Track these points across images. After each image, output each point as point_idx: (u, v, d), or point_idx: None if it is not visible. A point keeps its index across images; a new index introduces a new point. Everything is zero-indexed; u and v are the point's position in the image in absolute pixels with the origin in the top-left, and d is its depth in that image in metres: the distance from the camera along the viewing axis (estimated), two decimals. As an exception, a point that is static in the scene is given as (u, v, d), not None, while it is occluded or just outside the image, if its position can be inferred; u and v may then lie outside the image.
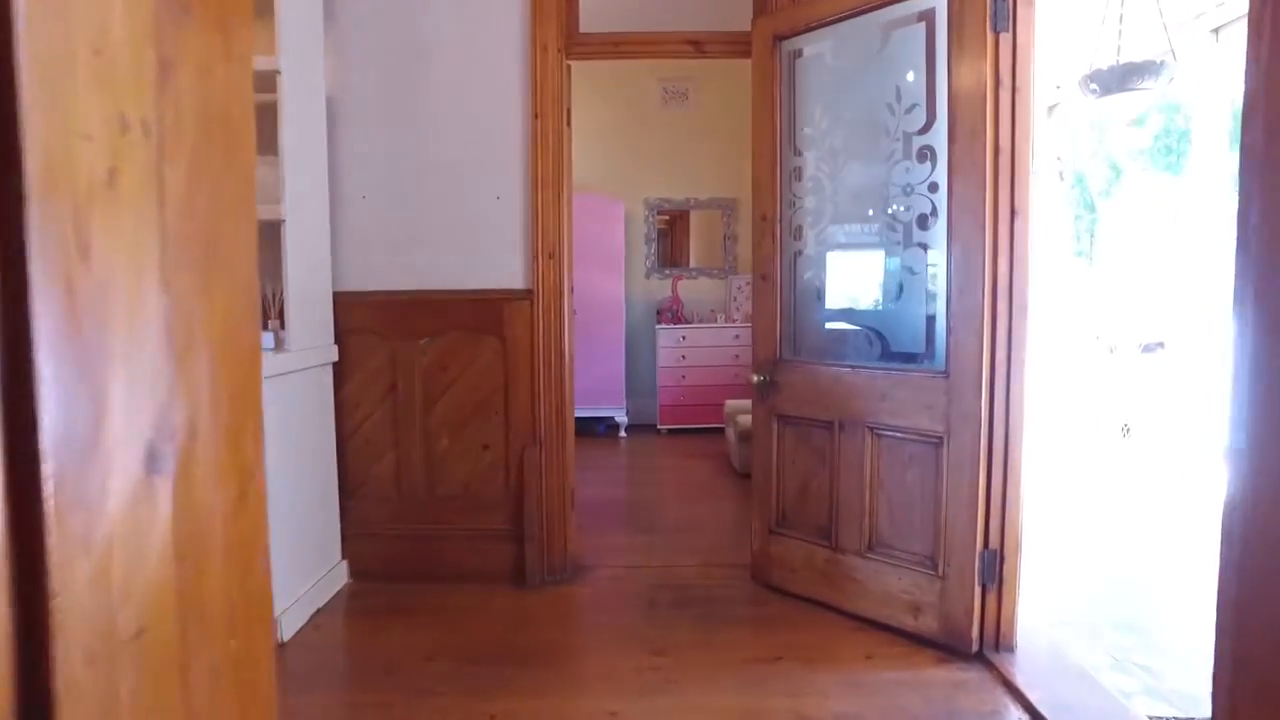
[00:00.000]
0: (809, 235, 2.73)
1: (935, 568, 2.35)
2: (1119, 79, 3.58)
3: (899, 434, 2.42)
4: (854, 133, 2.58)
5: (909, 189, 2.37)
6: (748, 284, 6.24)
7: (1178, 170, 7.59)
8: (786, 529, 2.80)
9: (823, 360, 2.66)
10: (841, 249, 2.68)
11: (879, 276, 2.51)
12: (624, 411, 6.05)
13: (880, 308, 2.54)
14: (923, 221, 2.35)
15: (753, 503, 2.91)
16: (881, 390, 2.45)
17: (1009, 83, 2.16)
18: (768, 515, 2.84)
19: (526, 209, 2.90)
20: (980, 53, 2.16)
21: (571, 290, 3.02)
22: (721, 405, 5.69)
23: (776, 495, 2.82)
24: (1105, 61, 3.70)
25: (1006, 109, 2.16)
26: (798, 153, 2.72)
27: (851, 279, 2.66)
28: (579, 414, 5.51)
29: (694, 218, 6.55)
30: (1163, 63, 3.44)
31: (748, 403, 5.08)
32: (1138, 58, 3.56)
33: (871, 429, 2.49)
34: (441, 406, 2.95)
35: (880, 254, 2.51)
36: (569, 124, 2.99)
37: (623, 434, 6.06)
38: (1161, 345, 5.23)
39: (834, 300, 2.72)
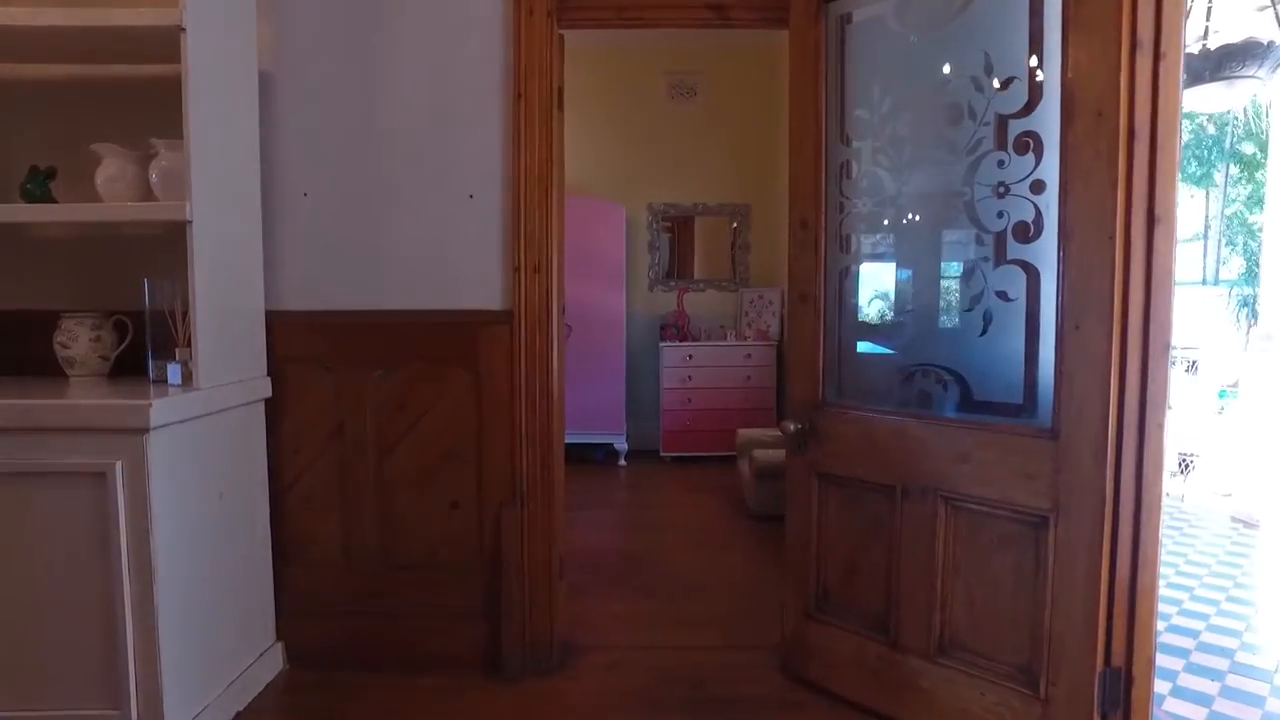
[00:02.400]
0: (861, 247, 2.18)
1: (1034, 686, 1.79)
2: (1213, 66, 3.03)
3: (984, 507, 1.86)
4: (924, 116, 2.03)
5: (1002, 189, 1.82)
6: (760, 298, 5.70)
7: (1208, 183, 7.04)
8: (829, 614, 2.23)
9: (880, 407, 2.11)
10: (905, 265, 2.13)
11: (958, 302, 1.96)
12: (624, 437, 5.48)
13: (959, 342, 1.98)
14: (1022, 231, 1.79)
15: (785, 575, 2.35)
16: (961, 449, 1.89)
17: (1149, 45, 1.61)
18: (805, 593, 2.28)
19: (506, 211, 2.35)
20: (1111, 4, 1.61)
21: (562, 311, 2.46)
22: (731, 432, 5.14)
23: (816, 570, 2.25)
24: (1192, 43, 3.16)
25: (1145, 81, 1.61)
26: (848, 143, 2.17)
27: (919, 304, 2.11)
28: (574, 439, 4.95)
29: (701, 225, 6.00)
30: (1272, 44, 2.89)
31: (764, 433, 4.53)
32: (1236, 38, 3.01)
33: (946, 498, 1.93)
34: (400, 454, 2.39)
35: (959, 273, 1.95)
36: (560, 106, 2.44)
37: (622, 462, 5.50)
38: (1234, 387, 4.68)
39: (894, 331, 2.17)
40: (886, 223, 2.15)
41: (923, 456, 1.97)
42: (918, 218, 2.09)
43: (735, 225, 5.95)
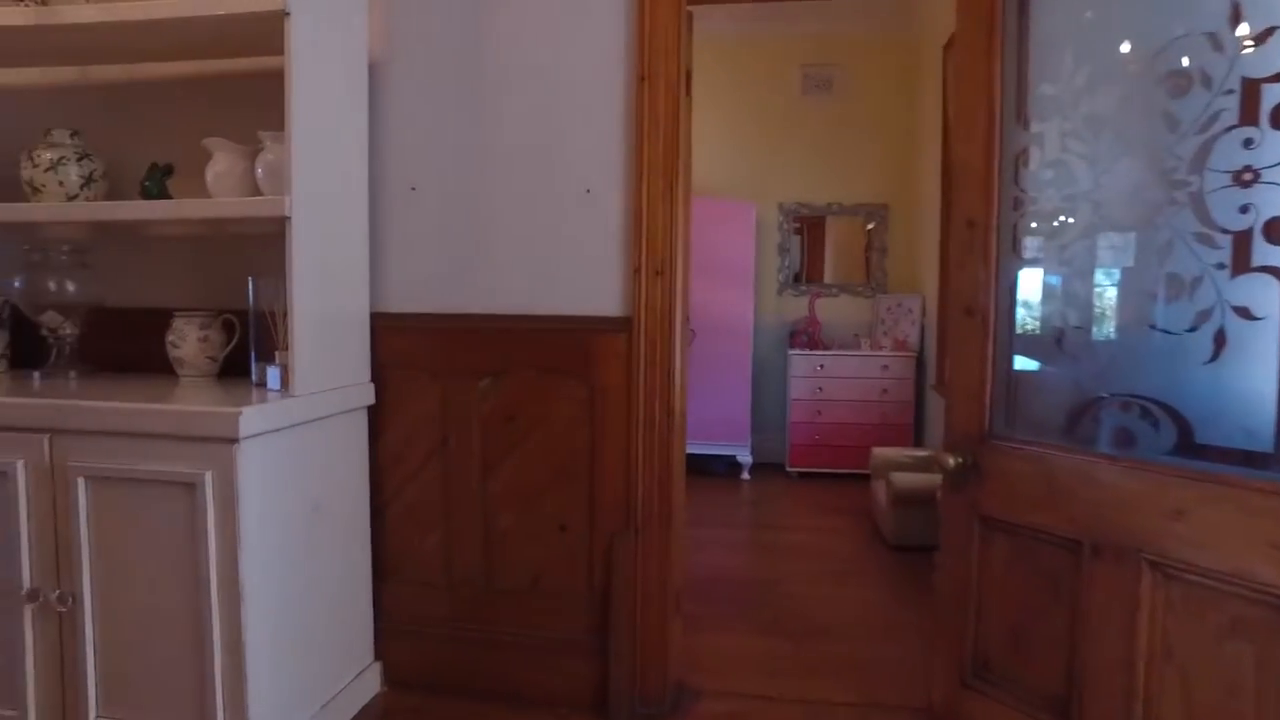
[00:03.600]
0: (1045, 251, 1.82)
1: (1277, 815, 1.39)
2: None
3: (1211, 580, 1.47)
4: (1135, 88, 1.66)
5: (1249, 175, 1.43)
6: (899, 305, 5.27)
7: None
8: (989, 684, 1.88)
9: (1064, 443, 1.74)
10: (1099, 273, 1.76)
11: (1179, 318, 1.58)
12: (748, 449, 5.19)
13: (1175, 370, 1.60)
14: (1277, 230, 1.40)
15: (935, 630, 2.01)
16: (1175, 504, 1.51)
17: None
18: (959, 656, 1.93)
19: (627, 207, 2.12)
20: None
21: (687, 320, 2.22)
22: (864, 449, 4.75)
23: (975, 630, 1.90)
24: None
25: None
26: (1027, 126, 1.81)
27: (1119, 321, 1.73)
28: (695, 450, 4.70)
29: (832, 226, 5.61)
30: None
31: (902, 453, 4.12)
32: None
33: (1154, 563, 1.55)
34: (506, 470, 2.21)
35: (1182, 282, 1.57)
36: (688, 91, 2.20)
37: (745, 475, 5.20)
38: None
39: (1084, 353, 1.79)
40: (1076, 221, 1.78)
41: (1120, 508, 1.59)
42: (1119, 214, 1.71)
43: (871, 227, 5.53)
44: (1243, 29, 1.44)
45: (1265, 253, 1.42)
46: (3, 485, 1.82)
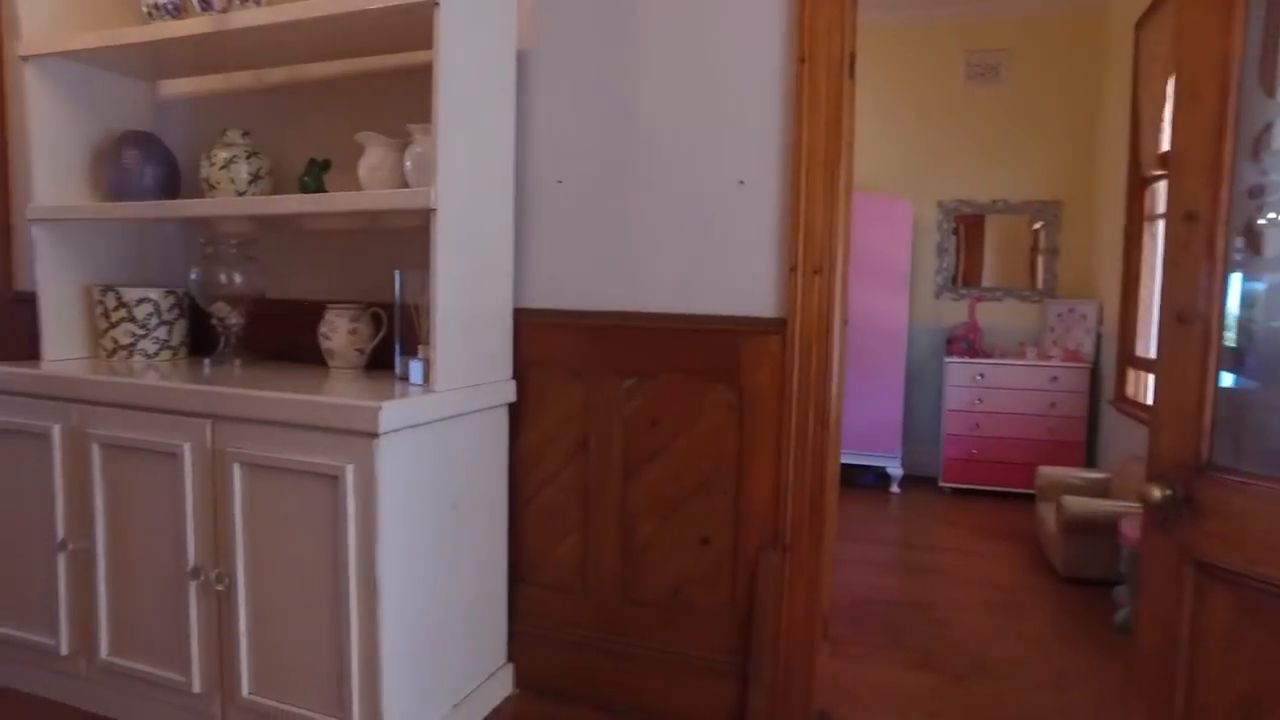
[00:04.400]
0: (1293, 247, 1.53)
1: None
2: None
3: None
4: None
5: None
6: (1071, 311, 4.81)
7: None
8: (1202, 758, 1.60)
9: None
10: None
11: None
12: (898, 461, 4.88)
13: None
14: None
15: (1131, 689, 1.74)
16: None
17: None
18: (1162, 721, 1.66)
19: (783, 200, 1.97)
20: None
21: (845, 323, 2.04)
22: (1028, 467, 4.37)
23: (1186, 697, 1.63)
24: None
25: None
26: (1273, 94, 1.52)
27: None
28: (842, 459, 4.46)
29: (992, 225, 5.19)
30: None
31: (1073, 474, 3.73)
32: None
33: None
34: (648, 477, 2.11)
35: None
36: (852, 74, 2.02)
37: (895, 488, 4.90)
38: None
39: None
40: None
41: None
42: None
43: (1039, 226, 5.08)
44: None
45: None
46: (172, 466, 1.89)
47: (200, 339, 2.55)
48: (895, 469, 4.89)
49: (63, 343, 2.40)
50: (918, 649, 2.65)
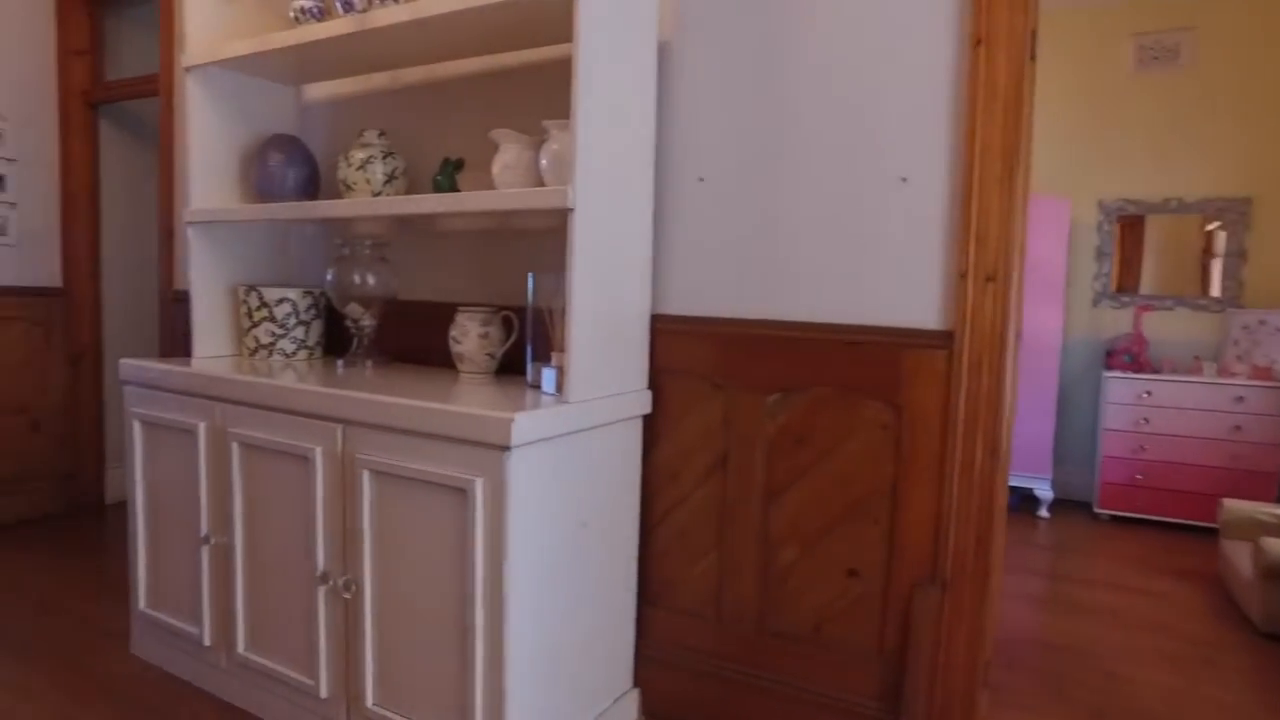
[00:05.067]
0: None
1: None
2: None
3: None
4: None
5: None
6: (1262, 323, 4.28)
7: None
8: None
9: None
10: None
11: None
12: (1048, 483, 4.48)
13: None
14: None
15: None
16: None
17: None
18: None
19: (952, 199, 1.76)
20: None
21: (1018, 336, 1.81)
22: (1206, 497, 3.92)
23: None
24: None
25: None
26: None
27: None
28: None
29: (1158, 226, 4.69)
30: None
31: (1271, 510, 3.28)
32: None
33: None
34: (791, 500, 1.94)
35: None
36: (1033, 56, 1.79)
37: (1043, 512, 4.50)
38: None
39: None
40: None
41: None
42: None
43: (1213, 227, 4.54)
44: None
45: None
46: (304, 469, 1.88)
47: (334, 339, 2.56)
48: (1044, 491, 4.49)
49: (211, 340, 2.46)
50: (1087, 705, 2.35)
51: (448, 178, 2.09)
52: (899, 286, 1.81)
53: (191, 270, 2.43)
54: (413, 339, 2.40)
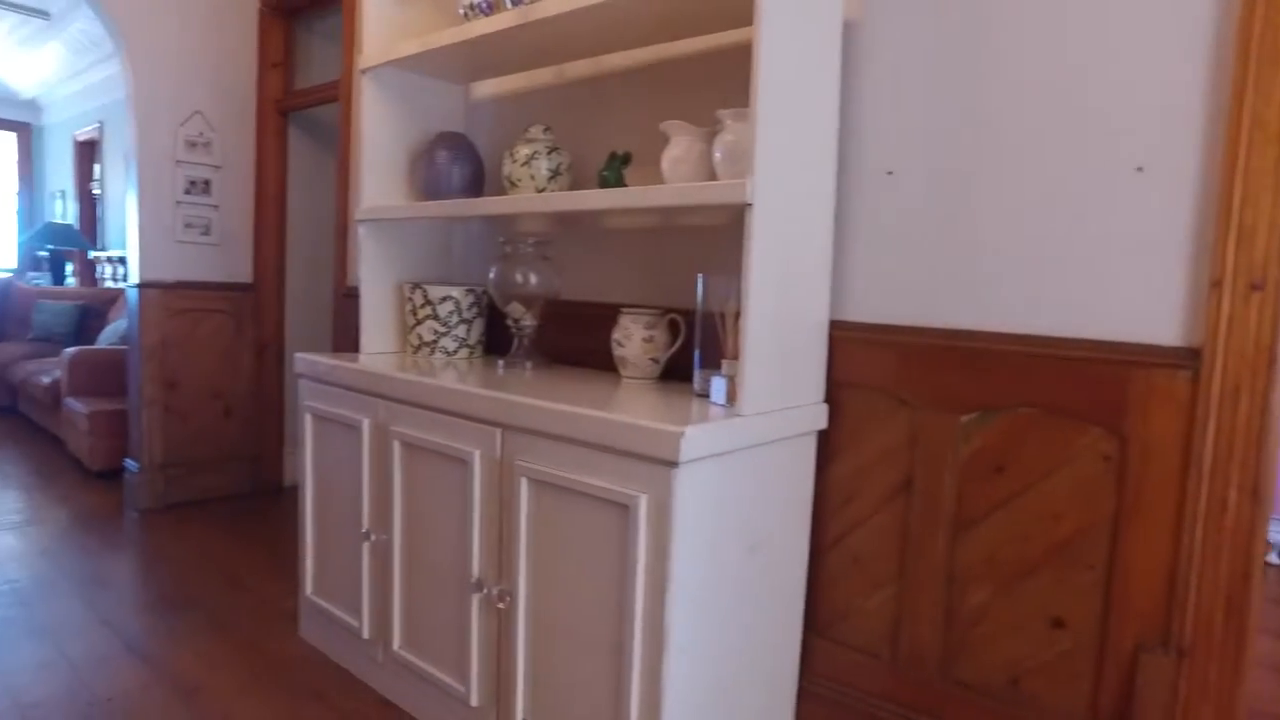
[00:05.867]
0: None
1: None
2: None
3: None
4: None
5: None
6: None
7: None
8: None
9: None
10: None
11: None
12: (1271, 524, 3.88)
13: None
14: None
15: None
16: None
17: None
18: None
19: (1204, 191, 1.47)
20: None
21: (1289, 355, 1.49)
22: None
23: None
24: None
25: None
26: None
27: None
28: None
29: None
30: None
31: None
32: None
33: None
34: (985, 533, 1.71)
35: None
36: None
37: (1273, 558, 3.91)
38: None
39: None
40: None
41: None
42: None
43: None
44: None
45: None
46: (462, 472, 1.84)
47: (495, 338, 2.54)
48: (1275, 535, 3.89)
49: (378, 336, 2.51)
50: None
51: (614, 172, 2.00)
52: (1127, 295, 1.54)
53: (361, 267, 2.48)
54: (573, 340, 2.33)
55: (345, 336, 3.22)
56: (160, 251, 3.72)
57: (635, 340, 1.96)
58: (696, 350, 1.81)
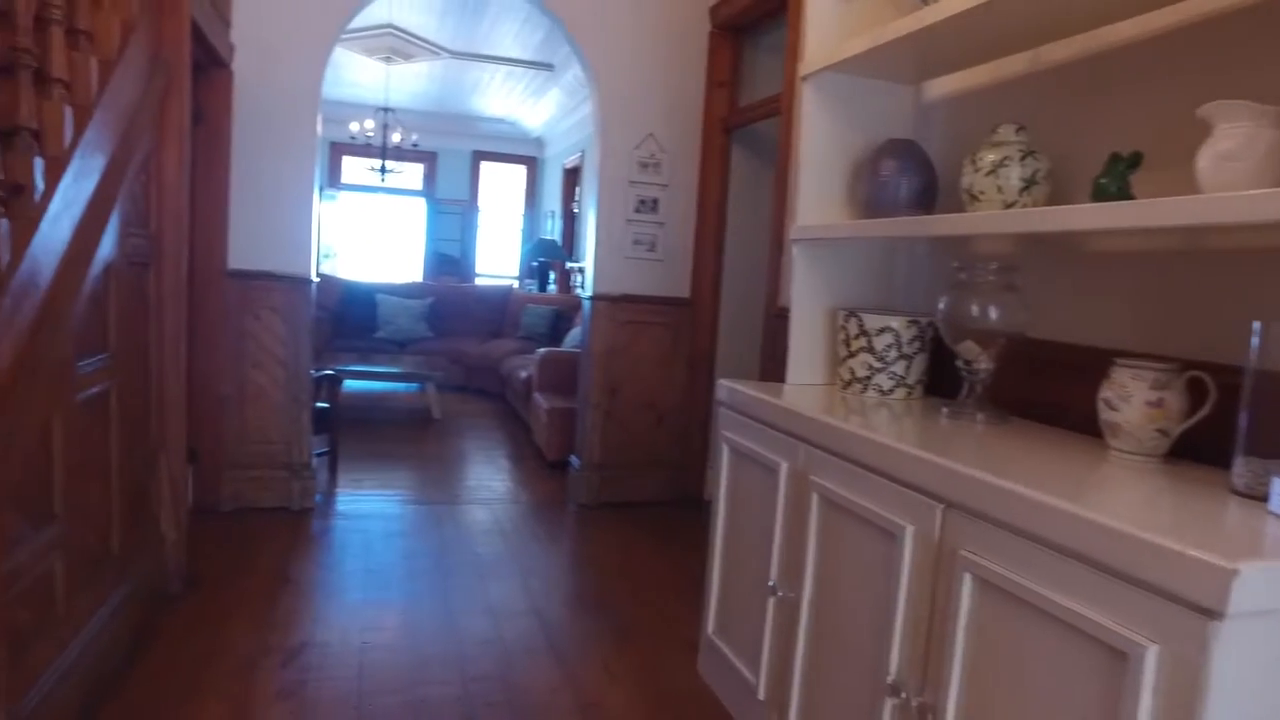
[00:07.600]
0: None
1: None
2: None
3: None
4: None
5: None
6: None
7: None
8: None
9: None
10: None
11: None
12: None
13: None
14: None
15: None
16: None
17: None
18: None
19: None
20: None
21: None
22: None
23: None
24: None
25: None
26: None
27: None
28: None
29: None
30: None
31: None
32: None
33: None
34: None
35: None
36: None
37: None
38: None
39: None
40: None
41: None
42: None
43: None
44: None
45: None
46: (889, 549, 1.52)
47: (938, 376, 2.17)
48: None
49: (805, 366, 2.32)
50: None
51: (1116, 180, 1.51)
52: None
53: (793, 289, 2.30)
54: (1040, 390, 1.87)
55: (773, 360, 3.10)
56: (611, 266, 4.03)
57: (1136, 403, 1.45)
58: (1242, 426, 1.25)
